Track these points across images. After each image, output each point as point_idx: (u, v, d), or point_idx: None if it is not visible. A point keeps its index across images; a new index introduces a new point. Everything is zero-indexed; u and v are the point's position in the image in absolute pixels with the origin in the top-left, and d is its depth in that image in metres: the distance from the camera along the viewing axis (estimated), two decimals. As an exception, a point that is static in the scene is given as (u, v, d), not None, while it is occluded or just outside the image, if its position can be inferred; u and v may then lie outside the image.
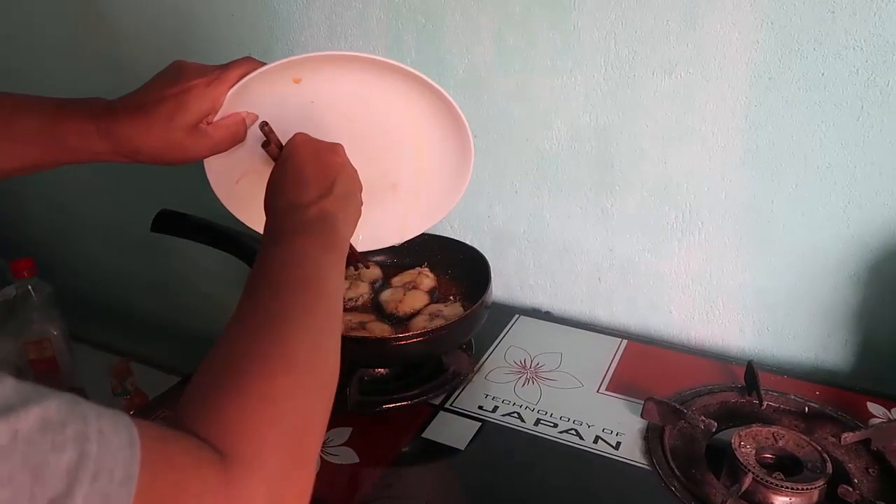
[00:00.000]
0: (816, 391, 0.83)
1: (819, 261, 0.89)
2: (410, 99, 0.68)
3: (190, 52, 1.20)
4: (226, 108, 0.62)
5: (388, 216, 0.76)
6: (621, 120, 0.93)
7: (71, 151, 0.60)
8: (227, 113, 0.62)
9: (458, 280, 0.98)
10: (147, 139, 0.59)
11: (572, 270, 1.06)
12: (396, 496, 0.69)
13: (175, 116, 0.58)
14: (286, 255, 0.51)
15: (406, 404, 0.81)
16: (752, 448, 0.71)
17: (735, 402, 0.82)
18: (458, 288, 0.97)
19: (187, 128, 0.59)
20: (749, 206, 0.90)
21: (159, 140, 0.59)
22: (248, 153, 0.67)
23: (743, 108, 0.86)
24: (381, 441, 0.76)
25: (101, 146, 0.59)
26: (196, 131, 0.60)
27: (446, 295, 0.95)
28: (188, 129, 0.59)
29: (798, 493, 0.67)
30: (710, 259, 0.95)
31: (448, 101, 0.67)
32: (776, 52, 0.82)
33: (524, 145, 1.01)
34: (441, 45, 1.00)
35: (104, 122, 0.59)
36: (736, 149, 0.88)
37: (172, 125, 0.58)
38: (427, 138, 0.71)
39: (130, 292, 1.56)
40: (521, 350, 0.92)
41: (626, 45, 0.89)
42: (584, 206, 1.01)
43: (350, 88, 0.66)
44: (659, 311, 1.02)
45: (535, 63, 0.95)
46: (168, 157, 0.61)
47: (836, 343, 0.92)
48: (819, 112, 0.82)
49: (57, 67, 1.40)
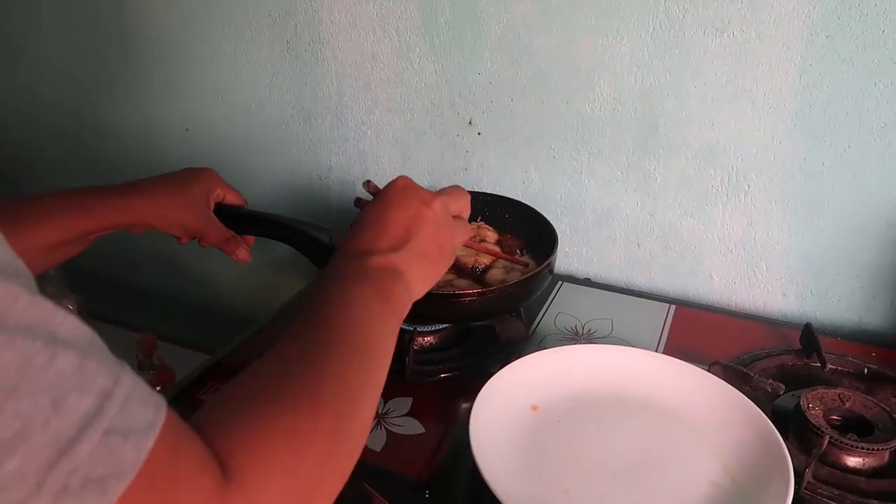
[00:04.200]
0: (872, 353, 0.83)
1: (868, 223, 0.88)
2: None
3: (196, 9, 1.15)
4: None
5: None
6: (668, 81, 0.91)
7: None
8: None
9: (516, 238, 0.96)
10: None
11: (610, 237, 1.04)
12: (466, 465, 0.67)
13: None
14: (339, 297, 0.49)
15: (463, 373, 0.79)
16: (820, 410, 0.71)
17: (793, 364, 0.82)
18: (519, 244, 0.95)
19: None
20: (799, 168, 0.89)
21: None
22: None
23: (798, 67, 0.84)
24: (445, 411, 0.74)
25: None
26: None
27: (511, 249, 0.93)
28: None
29: (872, 454, 0.67)
30: (755, 223, 0.94)
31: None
32: (835, 8, 0.80)
33: (564, 108, 0.98)
34: (478, 4, 0.97)
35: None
36: (788, 110, 0.87)
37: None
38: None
39: (140, 267, 1.51)
40: (570, 317, 0.91)
41: (675, 3, 0.87)
42: (626, 170, 0.99)
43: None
44: (699, 276, 1.01)
45: (577, 22, 0.92)
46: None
47: (882, 305, 0.92)
48: (877, 70, 0.81)
49: (59, 43, 1.33)
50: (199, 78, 1.23)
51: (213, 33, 1.17)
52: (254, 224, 0.81)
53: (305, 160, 1.21)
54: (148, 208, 0.72)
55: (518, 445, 0.66)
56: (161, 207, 0.73)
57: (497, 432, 0.65)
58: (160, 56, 1.25)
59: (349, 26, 1.07)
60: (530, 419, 0.69)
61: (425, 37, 1.02)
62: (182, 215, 0.75)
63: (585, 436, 0.68)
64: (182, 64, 1.24)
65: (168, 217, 0.74)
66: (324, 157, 1.20)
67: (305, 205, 1.24)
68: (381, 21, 1.04)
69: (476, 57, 1.00)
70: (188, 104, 1.27)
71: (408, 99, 1.08)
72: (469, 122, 1.05)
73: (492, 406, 0.67)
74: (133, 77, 1.30)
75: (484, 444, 0.62)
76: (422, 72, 1.05)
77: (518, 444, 0.66)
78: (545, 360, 0.75)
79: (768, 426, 0.65)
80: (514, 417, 0.69)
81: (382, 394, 0.75)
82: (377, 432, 0.71)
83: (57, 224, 0.67)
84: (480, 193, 0.98)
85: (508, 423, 0.68)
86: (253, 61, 1.17)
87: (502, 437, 0.66)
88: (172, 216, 0.74)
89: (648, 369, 0.74)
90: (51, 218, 0.67)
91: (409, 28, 1.03)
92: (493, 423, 0.66)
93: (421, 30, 1.02)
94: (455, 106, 1.05)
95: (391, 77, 1.08)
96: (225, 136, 1.26)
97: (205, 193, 0.77)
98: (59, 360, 0.28)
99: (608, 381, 0.73)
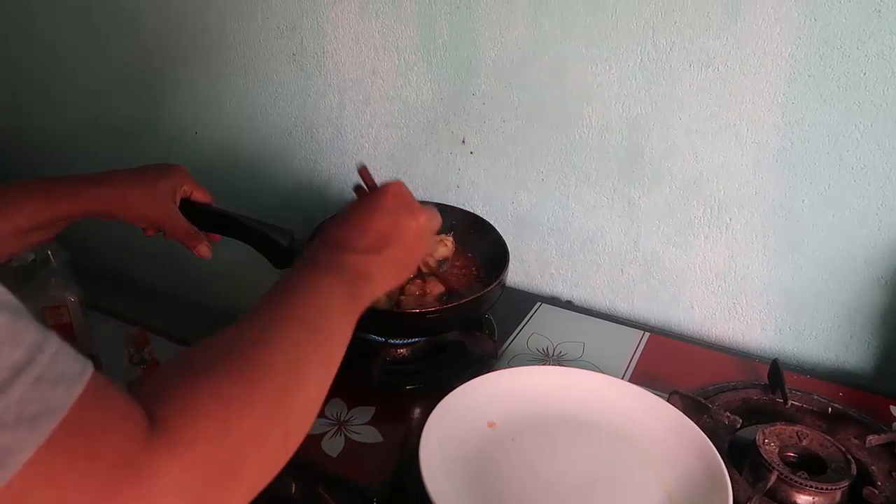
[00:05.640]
0: (839, 392, 0.83)
1: (847, 262, 0.89)
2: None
3: (212, 21, 1.20)
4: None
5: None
6: (654, 111, 0.92)
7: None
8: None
9: (475, 259, 0.98)
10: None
11: (595, 261, 1.05)
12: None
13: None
14: (308, 283, 0.51)
15: (427, 386, 0.81)
16: (776, 446, 0.71)
17: (758, 399, 0.82)
18: (477, 267, 0.97)
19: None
20: (780, 204, 0.90)
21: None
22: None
23: (780, 104, 0.85)
24: (405, 422, 0.76)
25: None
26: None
27: (461, 270, 0.95)
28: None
29: (822, 493, 0.67)
30: (736, 256, 0.95)
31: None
32: (818, 49, 0.81)
33: (553, 132, 1.00)
34: (475, 27, 0.99)
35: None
36: (770, 146, 0.87)
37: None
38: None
39: (142, 262, 1.56)
40: (543, 338, 0.92)
41: (664, 36, 0.88)
42: (611, 196, 1.00)
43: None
44: (680, 305, 1.02)
45: (569, 50, 0.94)
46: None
47: (859, 345, 0.92)
48: (857, 112, 0.81)
49: (75, 34, 1.39)
50: (211, 84, 1.27)
51: (225, 43, 1.22)
52: (215, 222, 0.84)
53: (306, 168, 1.25)
54: (115, 198, 0.76)
55: (469, 459, 0.67)
56: (127, 199, 0.77)
57: (450, 446, 0.67)
58: (177, 62, 1.29)
59: (352, 42, 1.10)
60: (485, 435, 0.71)
61: (423, 56, 1.05)
62: (147, 208, 0.78)
63: (537, 455, 0.69)
64: (196, 70, 1.28)
65: (133, 208, 0.77)
66: (323, 167, 1.23)
67: (304, 211, 1.27)
68: (382, 39, 1.07)
69: (471, 78, 1.03)
70: (198, 109, 1.31)
71: (405, 115, 1.11)
72: (462, 140, 1.08)
73: (447, 420, 0.69)
74: (149, 80, 1.35)
75: (434, 456, 0.64)
76: (419, 89, 1.08)
77: (469, 459, 0.67)
78: (507, 378, 0.76)
79: (714, 455, 0.66)
80: (470, 433, 0.70)
81: (346, 401, 0.79)
82: (336, 438, 0.73)
83: (27, 210, 0.70)
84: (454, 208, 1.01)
85: (462, 438, 0.69)
86: (260, 71, 1.21)
87: (454, 450, 0.67)
88: (137, 208, 0.77)
89: (608, 394, 0.75)
90: (20, 204, 0.70)
91: (408, 47, 1.06)
92: (446, 436, 0.67)
93: (420, 49, 1.05)
94: (449, 124, 1.08)
95: (390, 93, 1.10)
96: (231, 140, 1.30)
97: (172, 189, 0.80)
98: None
99: (567, 403, 0.75)
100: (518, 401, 0.74)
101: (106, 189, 0.75)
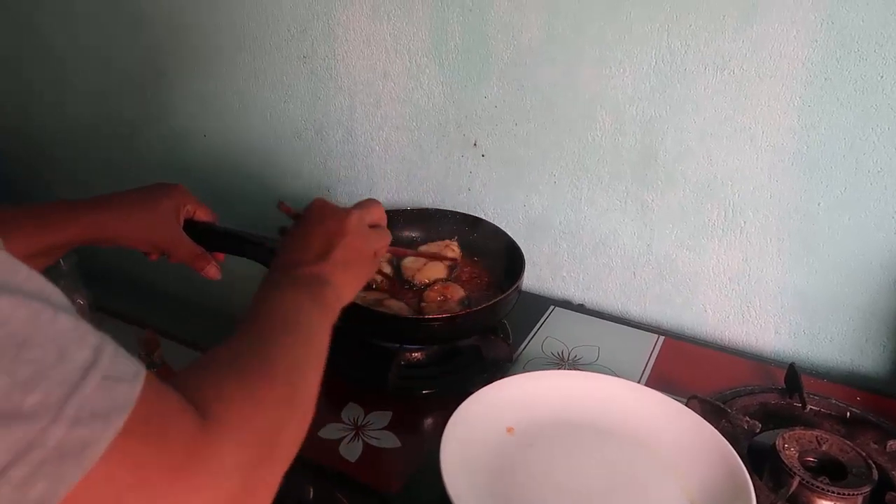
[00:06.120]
0: (857, 397, 0.83)
1: (863, 266, 0.88)
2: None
3: (223, 23, 1.19)
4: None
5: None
6: (668, 114, 0.92)
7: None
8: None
9: (486, 265, 0.99)
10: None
11: (607, 264, 1.05)
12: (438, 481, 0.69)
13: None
14: (276, 301, 0.55)
15: (443, 390, 0.80)
16: (795, 451, 0.71)
17: (775, 403, 0.82)
18: (486, 273, 0.98)
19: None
20: (795, 207, 0.89)
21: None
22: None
23: (796, 107, 0.85)
24: (422, 426, 0.75)
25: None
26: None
27: (471, 276, 0.96)
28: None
29: (844, 499, 0.67)
30: (750, 259, 0.95)
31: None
32: (835, 52, 0.81)
33: (566, 135, 1.00)
34: (487, 30, 0.99)
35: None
36: (785, 149, 0.87)
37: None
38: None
39: (151, 264, 1.55)
40: (558, 342, 0.92)
41: (679, 39, 0.88)
42: (624, 199, 1.00)
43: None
44: (693, 308, 1.01)
45: (583, 52, 0.94)
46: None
47: (875, 348, 0.91)
48: (874, 115, 0.81)
49: (83, 35, 1.38)
50: (220, 86, 1.27)
51: (235, 45, 1.21)
52: (222, 241, 0.81)
53: (315, 171, 1.24)
54: (115, 225, 0.72)
55: (488, 465, 0.67)
56: (128, 224, 0.73)
57: (469, 451, 0.66)
58: (186, 64, 1.29)
59: (363, 45, 1.09)
60: (504, 441, 0.71)
61: (435, 59, 1.05)
62: (149, 231, 0.75)
63: (556, 460, 0.69)
64: (205, 72, 1.28)
65: (135, 234, 0.74)
66: (333, 170, 1.23)
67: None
68: (393, 41, 1.07)
69: (483, 81, 1.02)
70: (207, 111, 1.31)
71: (416, 118, 1.10)
72: (474, 143, 1.07)
73: (466, 425, 0.69)
74: (157, 82, 1.34)
75: (454, 462, 0.64)
76: (430, 93, 1.07)
77: (488, 464, 0.67)
78: (524, 383, 0.76)
79: (736, 462, 0.66)
80: (488, 438, 0.70)
81: (363, 406, 0.78)
82: (354, 443, 0.73)
83: (23, 238, 0.67)
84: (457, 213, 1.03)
85: (481, 443, 0.69)
86: (270, 73, 1.20)
87: (474, 456, 0.67)
88: (140, 233, 0.74)
89: (626, 398, 0.75)
90: (16, 232, 0.67)
91: (420, 50, 1.05)
92: (465, 442, 0.67)
93: (431, 52, 1.05)
94: (461, 127, 1.07)
95: (401, 96, 1.10)
96: (240, 143, 1.30)
97: (174, 210, 0.77)
98: (60, 318, 0.34)
99: (585, 408, 0.74)
100: (537, 406, 0.73)
101: (104, 215, 0.72)
